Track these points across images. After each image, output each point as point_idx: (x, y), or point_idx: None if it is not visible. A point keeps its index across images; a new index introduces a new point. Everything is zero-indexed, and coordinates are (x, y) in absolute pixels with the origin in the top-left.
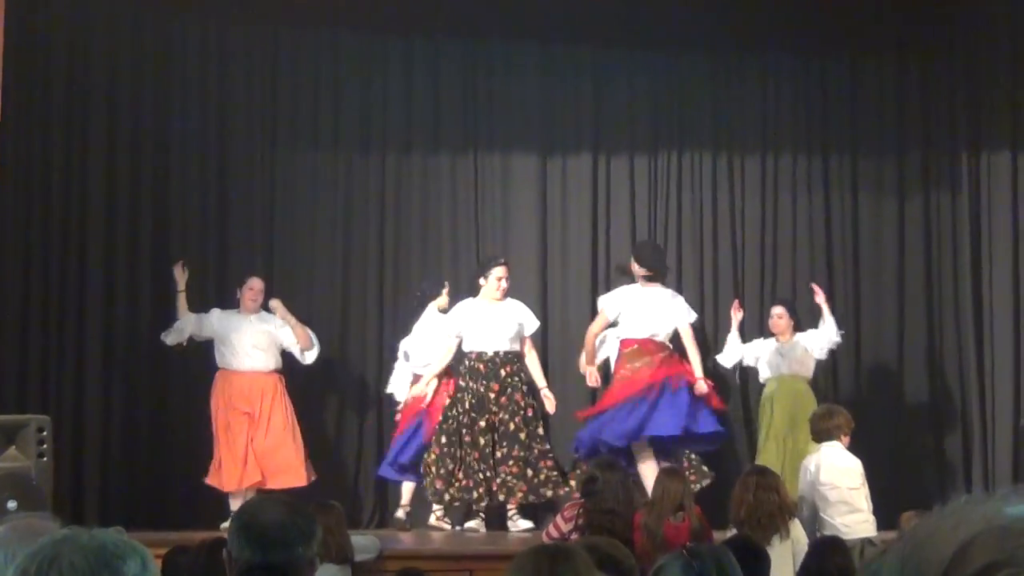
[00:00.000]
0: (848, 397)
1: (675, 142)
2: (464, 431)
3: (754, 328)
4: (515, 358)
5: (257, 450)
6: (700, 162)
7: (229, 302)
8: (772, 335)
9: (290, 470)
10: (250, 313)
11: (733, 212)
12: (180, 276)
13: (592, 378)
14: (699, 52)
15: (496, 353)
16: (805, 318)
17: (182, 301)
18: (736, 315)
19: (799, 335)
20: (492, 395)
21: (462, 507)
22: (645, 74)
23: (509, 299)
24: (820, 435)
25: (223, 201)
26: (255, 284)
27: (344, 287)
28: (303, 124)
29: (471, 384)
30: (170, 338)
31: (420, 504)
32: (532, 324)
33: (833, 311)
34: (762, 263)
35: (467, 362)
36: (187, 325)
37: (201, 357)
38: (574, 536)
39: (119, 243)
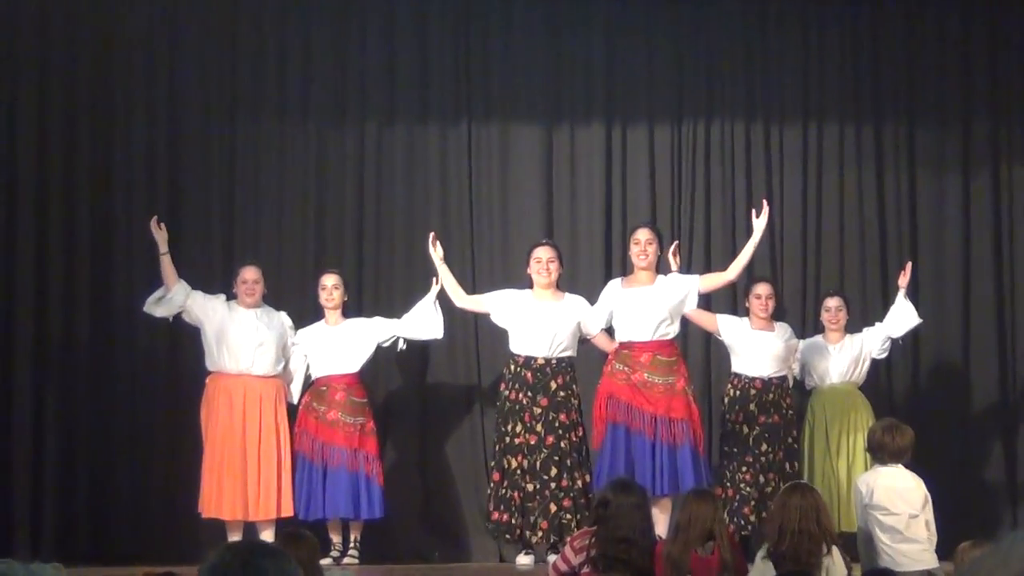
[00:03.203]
0: (905, 402)
1: (702, 109)
2: (517, 453)
3: (794, 327)
4: (568, 366)
5: (251, 470)
6: (731, 133)
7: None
8: (821, 332)
9: (278, 496)
10: (249, 308)
11: (770, 191)
12: (159, 235)
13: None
14: (730, 3)
15: (547, 360)
16: (851, 314)
17: (167, 265)
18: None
19: (851, 335)
20: (539, 410)
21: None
22: (666, 31)
23: (569, 295)
24: (882, 455)
25: (174, 179)
26: (247, 275)
27: (316, 275)
28: (267, 91)
29: (516, 395)
30: (159, 310)
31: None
32: (595, 324)
33: (886, 304)
34: (804, 250)
35: (512, 367)
36: (180, 296)
37: (151, 361)
38: (585, 570)
39: (52, 231)
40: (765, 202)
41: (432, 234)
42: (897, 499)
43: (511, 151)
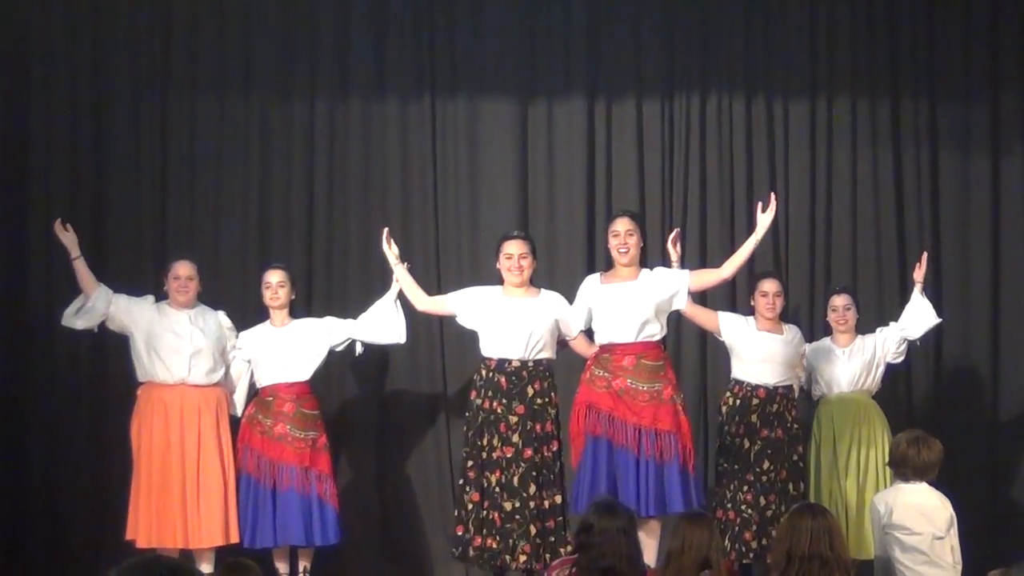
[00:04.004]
0: (925, 413)
1: (696, 82)
2: (495, 468)
3: (803, 328)
4: (547, 370)
5: (190, 491)
6: (730, 108)
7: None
8: (828, 334)
9: (216, 521)
10: (181, 308)
11: (773, 172)
12: (66, 238)
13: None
14: None
15: (523, 363)
16: (866, 315)
17: (82, 270)
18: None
19: (862, 337)
20: (515, 419)
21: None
22: None
23: (545, 291)
24: (905, 470)
25: (99, 163)
26: (180, 270)
27: (259, 271)
28: (204, 62)
29: (490, 404)
30: (80, 321)
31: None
32: (575, 324)
33: (905, 302)
34: (812, 240)
35: (484, 372)
36: (100, 302)
37: (73, 371)
38: None
39: None
40: (773, 196)
41: (386, 230)
42: (920, 518)
43: (480, 129)
